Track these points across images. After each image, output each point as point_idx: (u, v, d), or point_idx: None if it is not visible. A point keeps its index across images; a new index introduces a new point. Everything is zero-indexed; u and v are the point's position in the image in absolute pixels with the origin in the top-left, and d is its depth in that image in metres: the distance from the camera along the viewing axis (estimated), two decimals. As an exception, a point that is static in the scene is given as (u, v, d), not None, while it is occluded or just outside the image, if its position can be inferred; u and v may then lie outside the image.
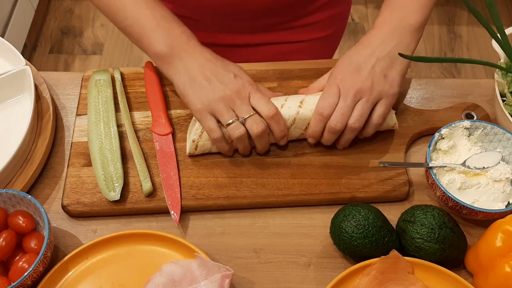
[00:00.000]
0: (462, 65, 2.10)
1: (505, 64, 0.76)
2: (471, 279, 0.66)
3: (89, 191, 0.72)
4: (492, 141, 0.73)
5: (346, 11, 1.04)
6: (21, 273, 0.63)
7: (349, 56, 0.73)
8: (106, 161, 0.73)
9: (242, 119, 0.69)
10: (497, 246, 0.61)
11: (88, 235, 0.71)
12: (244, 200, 0.72)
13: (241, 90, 0.70)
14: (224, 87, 0.70)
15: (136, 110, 0.81)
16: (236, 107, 0.70)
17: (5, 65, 0.83)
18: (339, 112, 0.70)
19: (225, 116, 0.69)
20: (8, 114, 0.80)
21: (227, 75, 0.71)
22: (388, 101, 0.71)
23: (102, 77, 0.82)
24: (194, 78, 0.71)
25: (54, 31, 2.22)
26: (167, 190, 0.72)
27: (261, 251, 0.70)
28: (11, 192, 0.67)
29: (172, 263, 0.65)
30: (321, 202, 0.73)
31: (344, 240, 0.65)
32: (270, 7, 0.89)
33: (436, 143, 0.72)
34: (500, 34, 0.73)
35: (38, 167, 0.74)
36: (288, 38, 0.97)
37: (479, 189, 0.69)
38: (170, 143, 0.76)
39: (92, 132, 0.76)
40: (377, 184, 0.73)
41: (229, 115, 0.69)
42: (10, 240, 0.65)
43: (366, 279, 0.64)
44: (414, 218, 0.65)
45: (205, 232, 0.71)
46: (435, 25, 2.22)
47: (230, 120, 0.69)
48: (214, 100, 0.69)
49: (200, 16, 0.92)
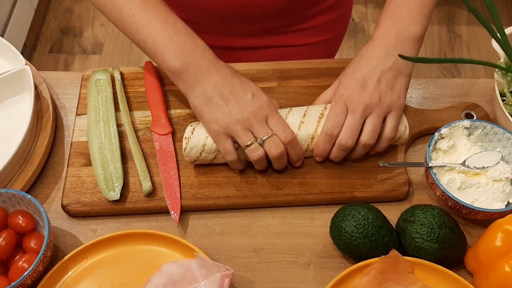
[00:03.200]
0: (462, 65, 2.10)
1: (505, 64, 0.76)
2: (471, 279, 0.66)
3: (89, 191, 0.72)
4: (492, 141, 0.73)
5: (347, 14, 1.04)
6: (21, 273, 0.63)
7: (352, 72, 0.72)
8: (106, 161, 0.73)
9: (260, 141, 0.68)
10: (496, 246, 0.61)
11: (88, 234, 0.71)
12: (244, 199, 0.72)
13: (259, 112, 0.68)
14: (242, 109, 0.68)
15: (136, 110, 0.80)
16: (254, 129, 0.68)
17: (5, 64, 0.83)
18: (349, 129, 0.69)
19: (243, 138, 0.68)
20: (8, 113, 0.80)
21: (244, 96, 0.69)
22: (398, 113, 0.71)
23: (102, 76, 0.82)
24: (210, 98, 0.69)
25: (54, 31, 2.22)
26: (167, 189, 0.72)
27: (261, 250, 0.69)
28: (11, 192, 0.67)
29: (172, 263, 0.65)
30: (321, 202, 0.73)
31: (344, 239, 0.65)
32: (273, 11, 0.89)
33: (436, 143, 0.72)
34: (500, 33, 0.73)
35: (38, 166, 0.74)
36: (290, 42, 0.97)
37: (479, 189, 0.69)
38: (170, 143, 0.76)
39: (92, 132, 0.76)
40: (377, 184, 0.73)
41: (247, 137, 0.68)
42: (10, 239, 0.65)
43: (366, 278, 0.64)
44: (414, 217, 0.65)
45: (205, 231, 0.71)
46: (435, 25, 2.22)
47: (249, 142, 0.68)
48: (232, 122, 0.68)
49: (202, 19, 0.92)
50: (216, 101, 0.69)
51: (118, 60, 2.13)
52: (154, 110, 0.79)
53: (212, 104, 0.69)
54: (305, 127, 0.71)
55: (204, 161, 0.72)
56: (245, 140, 0.68)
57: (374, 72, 0.70)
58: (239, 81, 0.71)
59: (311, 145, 0.72)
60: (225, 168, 0.74)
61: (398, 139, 0.74)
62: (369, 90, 0.69)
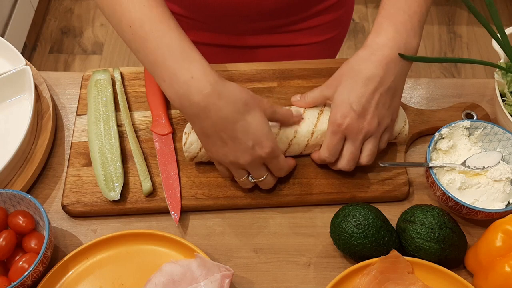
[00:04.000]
0: (462, 65, 2.10)
1: (505, 64, 0.76)
2: (471, 279, 0.66)
3: (89, 191, 0.72)
4: (492, 141, 0.73)
5: (348, 14, 1.04)
6: (21, 273, 0.63)
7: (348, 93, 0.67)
8: (106, 161, 0.73)
9: (252, 179, 0.68)
10: (497, 246, 0.61)
11: (88, 235, 0.71)
12: (244, 200, 0.72)
13: (256, 160, 0.65)
14: (239, 156, 0.64)
15: (136, 110, 0.80)
16: (249, 170, 0.67)
17: (5, 65, 0.83)
18: (350, 157, 0.68)
19: (235, 174, 0.68)
20: (8, 114, 0.80)
21: (245, 144, 0.63)
22: (391, 127, 0.71)
23: (102, 76, 0.82)
24: (208, 136, 0.64)
25: (54, 31, 2.22)
26: (167, 190, 0.72)
27: (261, 251, 0.69)
28: (11, 192, 0.67)
29: (172, 263, 0.65)
30: (321, 202, 0.73)
31: (344, 240, 0.65)
32: (274, 9, 0.89)
33: (436, 143, 0.72)
34: (500, 33, 0.73)
35: (38, 167, 0.74)
36: (290, 41, 0.97)
37: (479, 189, 0.69)
38: (170, 143, 0.76)
39: (92, 132, 0.76)
40: (377, 184, 0.73)
41: (239, 174, 0.67)
42: (10, 240, 0.65)
43: (366, 279, 0.64)
44: (414, 218, 0.65)
45: (205, 232, 0.71)
46: (435, 25, 2.22)
47: (240, 179, 0.68)
48: (225, 162, 0.66)
49: (202, 17, 0.92)
50: (214, 140, 0.64)
51: (118, 60, 2.13)
52: (154, 110, 0.79)
53: (209, 140, 0.65)
54: (305, 123, 0.71)
55: (204, 157, 0.72)
56: (237, 176, 0.68)
57: (373, 97, 0.66)
58: (243, 125, 0.62)
59: (312, 141, 0.72)
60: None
61: (398, 134, 0.73)
62: (368, 117, 0.67)
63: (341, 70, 0.70)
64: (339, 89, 0.68)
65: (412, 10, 0.68)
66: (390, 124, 0.70)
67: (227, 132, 0.63)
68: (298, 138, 0.71)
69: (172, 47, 0.63)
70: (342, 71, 0.70)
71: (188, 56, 0.63)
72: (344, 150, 0.69)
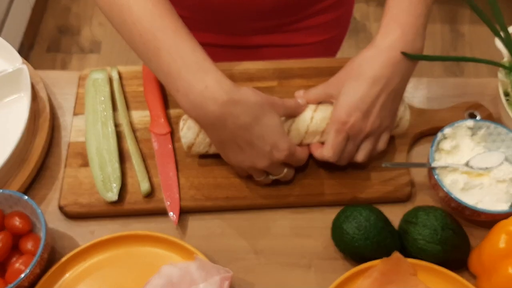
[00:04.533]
0: (465, 64, 2.09)
1: (508, 63, 0.76)
2: (474, 281, 0.66)
3: (87, 192, 0.72)
4: (496, 141, 0.72)
5: (348, 14, 1.03)
6: (18, 275, 0.62)
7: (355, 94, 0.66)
8: (103, 162, 0.73)
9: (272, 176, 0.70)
10: (500, 248, 0.61)
11: (86, 236, 0.70)
12: (244, 201, 0.71)
13: (274, 163, 0.67)
14: (256, 161, 0.66)
15: (134, 110, 0.80)
16: (268, 171, 0.68)
17: (2, 64, 0.82)
18: (349, 154, 0.69)
19: (255, 175, 0.69)
20: (4, 113, 0.79)
21: (262, 149, 0.64)
22: (390, 129, 0.71)
23: (100, 76, 0.81)
24: (224, 143, 0.66)
25: (51, 30, 2.22)
26: (165, 190, 0.71)
27: (261, 252, 0.69)
28: (8, 193, 0.66)
29: (170, 265, 0.64)
30: (321, 203, 0.72)
31: (345, 241, 0.64)
32: (274, 9, 0.88)
33: (438, 143, 0.72)
34: (503, 32, 0.72)
35: (34, 167, 0.74)
36: (290, 41, 0.97)
37: (482, 190, 0.69)
38: (168, 143, 0.75)
39: (90, 132, 0.75)
40: (379, 185, 0.72)
41: (258, 174, 0.69)
42: (6, 241, 0.65)
43: (368, 281, 0.63)
44: (416, 219, 0.65)
45: (204, 233, 0.70)
46: (437, 24, 2.21)
47: (259, 178, 0.70)
48: (243, 166, 0.68)
49: (203, 18, 0.92)
50: (230, 146, 0.66)
51: (117, 59, 2.12)
52: (152, 110, 0.78)
53: (226, 147, 0.66)
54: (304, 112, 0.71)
55: (201, 145, 0.70)
56: (256, 176, 0.70)
57: (378, 99, 0.66)
58: (260, 130, 0.63)
59: (311, 126, 0.70)
60: (224, 169, 0.73)
61: (400, 119, 0.72)
62: (372, 118, 0.67)
63: (346, 68, 0.69)
64: (344, 88, 0.68)
65: (417, 12, 0.68)
66: (390, 125, 0.70)
67: (245, 138, 0.64)
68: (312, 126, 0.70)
69: (187, 58, 0.63)
70: (347, 69, 0.69)
71: (202, 67, 0.63)
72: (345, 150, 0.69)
